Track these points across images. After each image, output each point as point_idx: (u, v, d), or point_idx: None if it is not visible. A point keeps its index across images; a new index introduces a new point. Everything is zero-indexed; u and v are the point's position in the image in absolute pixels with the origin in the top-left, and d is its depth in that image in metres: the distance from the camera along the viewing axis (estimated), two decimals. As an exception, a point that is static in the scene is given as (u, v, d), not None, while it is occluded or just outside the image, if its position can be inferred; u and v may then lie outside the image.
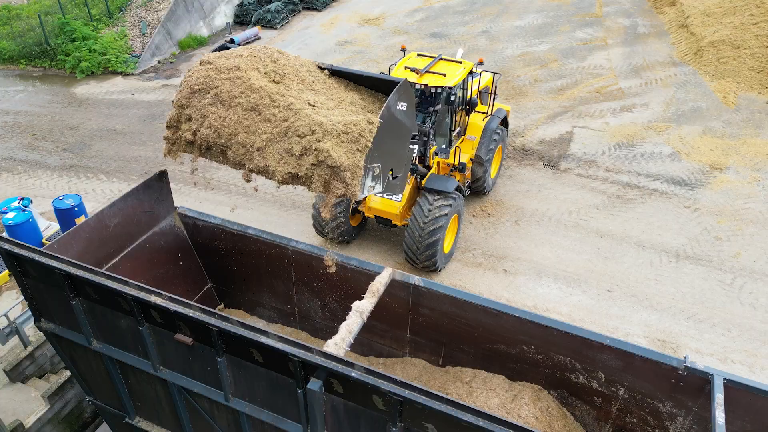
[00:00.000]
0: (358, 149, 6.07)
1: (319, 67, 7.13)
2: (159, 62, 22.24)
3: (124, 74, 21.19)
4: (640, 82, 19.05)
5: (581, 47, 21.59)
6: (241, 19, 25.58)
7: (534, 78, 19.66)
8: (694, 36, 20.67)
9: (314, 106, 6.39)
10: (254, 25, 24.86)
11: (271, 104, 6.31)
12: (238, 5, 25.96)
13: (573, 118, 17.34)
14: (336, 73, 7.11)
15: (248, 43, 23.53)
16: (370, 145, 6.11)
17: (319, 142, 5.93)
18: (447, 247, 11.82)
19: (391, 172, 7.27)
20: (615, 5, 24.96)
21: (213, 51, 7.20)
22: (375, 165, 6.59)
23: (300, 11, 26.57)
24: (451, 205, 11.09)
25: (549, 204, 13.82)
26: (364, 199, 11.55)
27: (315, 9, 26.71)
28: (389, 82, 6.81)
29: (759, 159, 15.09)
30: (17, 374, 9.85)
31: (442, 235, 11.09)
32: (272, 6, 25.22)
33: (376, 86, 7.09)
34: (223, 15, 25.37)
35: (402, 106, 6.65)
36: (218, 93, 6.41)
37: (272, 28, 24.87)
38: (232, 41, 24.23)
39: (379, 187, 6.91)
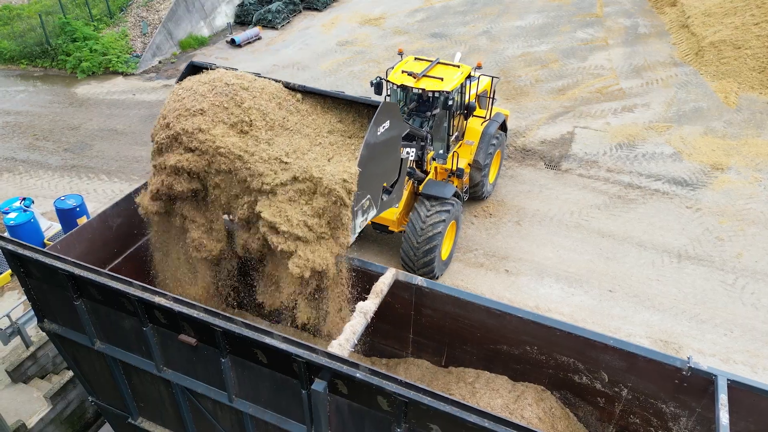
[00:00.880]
0: (338, 218, 6.03)
1: (290, 88, 6.73)
2: (160, 62, 22.24)
3: (125, 74, 21.18)
4: (641, 82, 19.06)
5: (582, 47, 21.60)
6: (242, 19, 25.57)
7: (535, 78, 19.67)
8: (695, 36, 20.68)
9: (286, 162, 6.17)
10: (255, 25, 24.86)
11: (243, 166, 6.19)
12: (238, 5, 25.95)
13: (574, 118, 17.34)
14: (310, 93, 6.75)
15: (249, 43, 23.53)
16: (351, 202, 6.00)
17: (297, 240, 6.01)
18: (444, 254, 11.65)
19: (385, 185, 7.13)
20: (615, 5, 24.96)
21: (179, 80, 6.90)
22: (364, 199, 6.40)
23: (301, 11, 26.57)
24: (448, 212, 10.91)
25: (550, 204, 13.82)
26: None
27: (316, 9, 26.71)
28: (368, 103, 6.52)
29: (760, 159, 15.09)
30: (19, 374, 9.84)
31: (440, 242, 10.91)
32: (273, 6, 25.22)
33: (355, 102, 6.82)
34: (224, 15, 25.36)
35: (385, 125, 6.36)
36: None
37: (273, 28, 24.87)
38: (233, 41, 24.04)
39: (373, 212, 6.69)
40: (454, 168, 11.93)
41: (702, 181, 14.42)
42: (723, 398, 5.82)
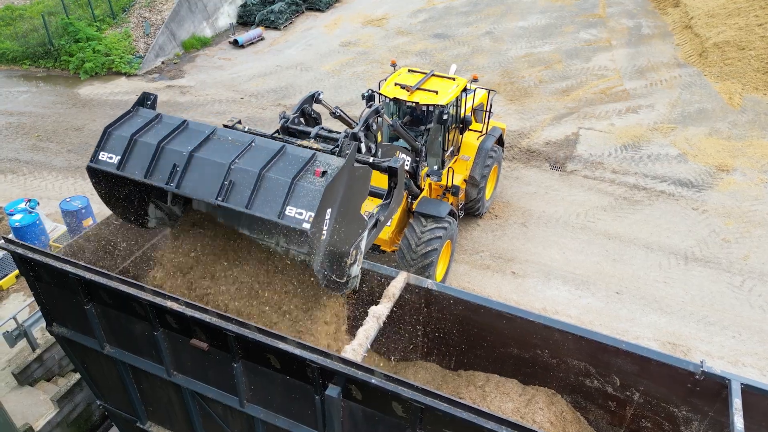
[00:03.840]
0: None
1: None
2: (163, 63, 22.20)
3: (127, 75, 21.14)
4: (644, 83, 19.04)
5: (585, 48, 21.57)
6: (245, 20, 25.55)
7: (539, 79, 19.64)
8: (698, 37, 20.66)
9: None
10: (257, 25, 24.85)
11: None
12: (241, 6, 25.92)
13: (578, 119, 17.31)
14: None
15: (252, 44, 23.48)
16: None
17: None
18: (439, 275, 11.26)
19: (372, 204, 6.73)
20: (618, 6, 24.94)
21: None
22: (350, 258, 5.87)
23: (303, 12, 26.54)
24: (444, 231, 10.53)
25: (556, 206, 13.79)
26: None
27: (318, 9, 26.68)
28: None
29: (765, 161, 15.08)
30: (26, 377, 9.81)
31: (435, 262, 10.53)
32: (275, 6, 25.19)
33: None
34: (227, 15, 25.33)
35: (328, 217, 5.30)
36: None
37: (275, 28, 24.85)
38: (236, 42, 24.02)
39: (363, 250, 6.17)
40: (449, 185, 11.48)
41: (707, 183, 14.40)
42: (737, 402, 5.79)
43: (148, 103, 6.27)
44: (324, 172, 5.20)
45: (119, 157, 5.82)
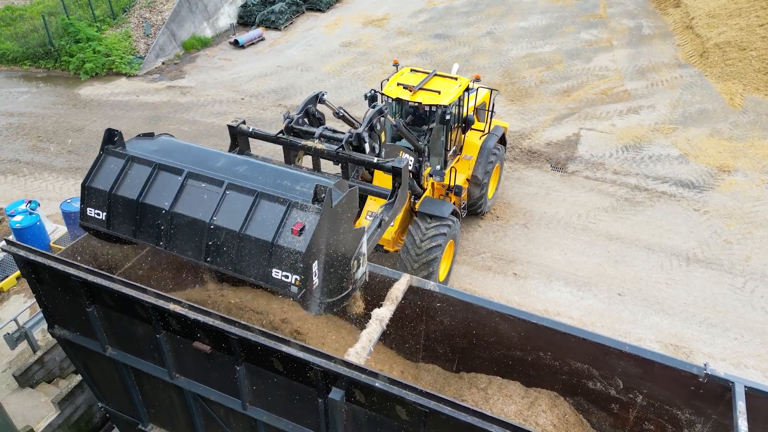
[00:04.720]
0: None
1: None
2: (163, 63, 22.18)
3: (128, 75, 21.11)
4: (645, 83, 19.03)
5: (586, 48, 21.56)
6: (245, 20, 25.53)
7: (539, 79, 19.62)
8: (699, 37, 20.65)
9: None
10: (258, 25, 24.82)
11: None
12: (241, 6, 25.90)
13: (579, 119, 17.30)
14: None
15: (252, 44, 23.46)
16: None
17: None
18: (442, 274, 11.25)
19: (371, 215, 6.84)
20: (619, 6, 24.94)
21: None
22: (351, 264, 5.68)
23: (303, 12, 26.52)
24: (447, 230, 10.56)
25: (557, 207, 13.77)
26: None
27: (318, 10, 26.66)
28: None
29: (767, 161, 15.06)
30: (27, 379, 9.79)
31: (438, 262, 10.56)
32: (276, 7, 25.18)
33: None
34: (227, 16, 25.31)
35: (315, 268, 5.20)
36: None
37: (276, 29, 24.83)
38: (236, 42, 23.95)
39: (367, 248, 6.07)
40: (452, 184, 11.50)
41: (709, 184, 14.38)
42: (741, 406, 5.77)
43: (115, 139, 6.34)
44: (302, 230, 5.01)
45: (105, 213, 5.97)
